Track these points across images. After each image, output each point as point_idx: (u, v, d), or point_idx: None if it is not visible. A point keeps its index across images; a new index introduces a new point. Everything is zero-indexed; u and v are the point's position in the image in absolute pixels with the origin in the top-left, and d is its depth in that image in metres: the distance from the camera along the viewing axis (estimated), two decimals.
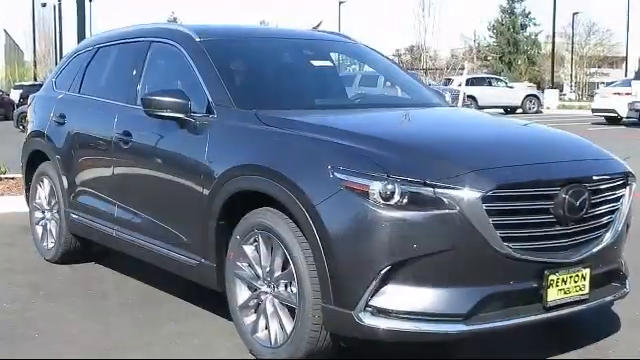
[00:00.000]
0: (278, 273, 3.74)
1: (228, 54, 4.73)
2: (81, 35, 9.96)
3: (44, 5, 50.41)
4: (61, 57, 40.22)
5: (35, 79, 45.79)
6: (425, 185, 3.35)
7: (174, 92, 4.34)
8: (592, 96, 59.74)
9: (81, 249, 5.85)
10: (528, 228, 3.47)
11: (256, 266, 3.87)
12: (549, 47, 68.88)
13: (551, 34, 66.08)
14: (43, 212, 6.06)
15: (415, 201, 3.35)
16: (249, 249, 3.90)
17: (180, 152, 4.37)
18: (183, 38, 4.77)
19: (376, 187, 3.35)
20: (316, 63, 5.04)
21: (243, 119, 4.10)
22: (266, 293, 3.82)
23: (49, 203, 5.96)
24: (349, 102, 5.01)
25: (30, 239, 6.74)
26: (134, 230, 4.78)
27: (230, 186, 3.93)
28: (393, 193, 3.35)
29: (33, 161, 6.17)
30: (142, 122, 4.73)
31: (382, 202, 3.35)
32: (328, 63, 5.16)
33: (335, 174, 3.45)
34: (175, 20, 59.15)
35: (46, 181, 5.95)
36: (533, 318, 3.57)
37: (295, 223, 3.61)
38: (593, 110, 25.34)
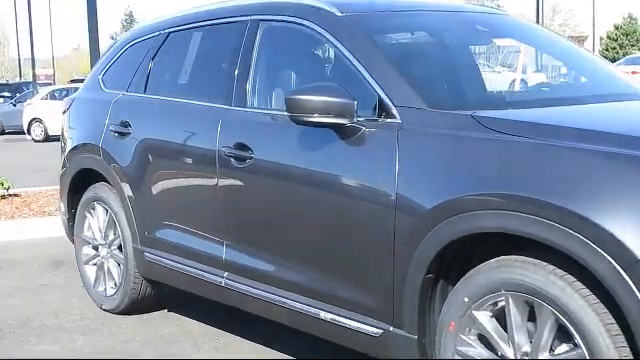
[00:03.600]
0: (545, 356, 2.49)
1: (389, 33, 3.44)
2: (92, 24, 8.50)
3: None
4: (32, 53, 38.02)
5: None
6: None
7: (333, 89, 3.04)
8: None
9: (153, 296, 4.52)
10: None
11: (499, 342, 2.61)
12: None
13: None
14: (96, 248, 4.70)
15: None
16: (485, 317, 2.64)
17: (344, 174, 3.06)
18: (316, 13, 3.44)
19: None
20: (500, 42, 3.76)
21: (453, 125, 2.81)
22: None
23: (105, 237, 4.61)
24: (544, 95, 3.71)
25: (67, 276, 5.48)
26: (261, 280, 3.46)
27: (452, 226, 2.65)
28: None
29: (76, 182, 4.81)
30: (268, 131, 3.45)
31: None
32: (514, 42, 3.87)
33: None
34: (131, 15, 56.45)
35: (100, 208, 4.60)
36: None
37: (584, 285, 2.36)
38: None
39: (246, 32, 3.73)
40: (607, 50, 65.25)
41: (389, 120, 2.98)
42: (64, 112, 5.07)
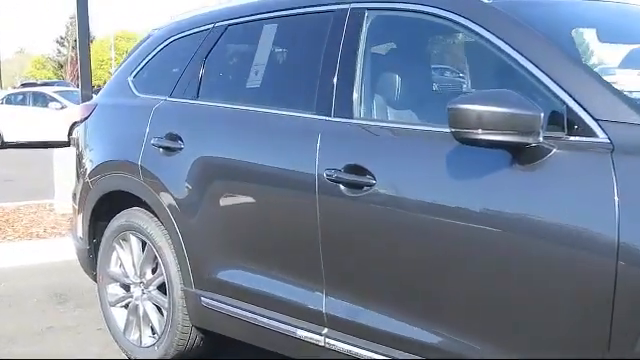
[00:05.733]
0: None
1: (558, 26, 2.71)
2: (82, 15, 7.57)
3: None
4: None
5: None
6: None
7: (513, 97, 2.27)
8: None
9: (202, 346, 3.70)
10: None
11: None
12: None
13: None
14: (126, 287, 3.86)
15: None
16: None
17: (528, 209, 2.28)
18: (453, 0, 2.70)
19: None
20: None
21: None
22: None
23: (141, 274, 3.76)
24: None
25: (77, 316, 4.67)
26: (381, 342, 2.68)
27: None
28: None
29: (101, 207, 3.96)
30: (400, 151, 2.68)
31: None
32: None
33: None
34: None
35: (135, 240, 3.76)
36: None
37: None
38: None
39: (346, 24, 2.95)
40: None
41: (588, 139, 2.24)
42: (81, 121, 4.20)
